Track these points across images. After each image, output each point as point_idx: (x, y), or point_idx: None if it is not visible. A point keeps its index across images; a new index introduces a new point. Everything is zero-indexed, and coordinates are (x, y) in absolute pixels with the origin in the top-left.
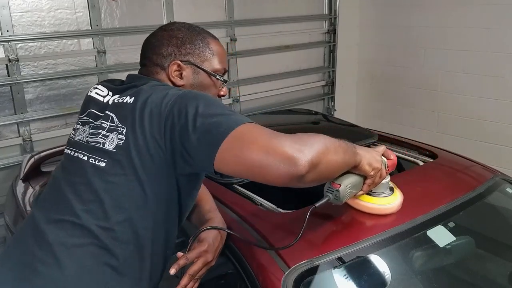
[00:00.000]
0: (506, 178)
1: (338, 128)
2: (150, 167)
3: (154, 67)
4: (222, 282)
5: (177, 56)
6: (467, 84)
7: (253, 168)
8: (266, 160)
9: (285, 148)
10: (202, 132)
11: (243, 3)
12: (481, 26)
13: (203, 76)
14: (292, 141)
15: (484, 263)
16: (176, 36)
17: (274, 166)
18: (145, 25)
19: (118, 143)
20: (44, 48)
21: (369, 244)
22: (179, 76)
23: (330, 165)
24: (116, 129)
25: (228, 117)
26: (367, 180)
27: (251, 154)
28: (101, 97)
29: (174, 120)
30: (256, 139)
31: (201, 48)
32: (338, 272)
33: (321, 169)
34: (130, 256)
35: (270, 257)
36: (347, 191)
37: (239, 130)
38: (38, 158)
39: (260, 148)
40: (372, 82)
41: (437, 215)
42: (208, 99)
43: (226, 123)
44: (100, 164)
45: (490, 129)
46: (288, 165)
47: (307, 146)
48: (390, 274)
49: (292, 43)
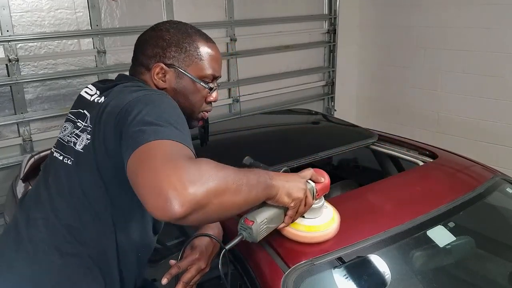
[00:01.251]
0: (506, 178)
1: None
2: (108, 168)
3: (139, 67)
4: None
5: (161, 58)
6: (467, 84)
7: (137, 187)
8: (148, 184)
9: (172, 178)
10: (128, 136)
11: (243, 3)
12: (481, 26)
13: (187, 81)
14: (186, 173)
15: (484, 263)
16: (163, 37)
17: (154, 195)
18: (145, 25)
19: (85, 143)
20: (44, 48)
21: (369, 244)
22: (162, 79)
23: (224, 207)
24: (86, 129)
25: (158, 128)
26: (289, 211)
27: (140, 172)
28: (88, 96)
29: (120, 119)
30: (155, 157)
31: (187, 52)
32: (338, 272)
33: (208, 213)
34: (97, 255)
35: (270, 257)
36: (262, 227)
37: (151, 144)
38: (38, 158)
39: (150, 170)
40: (372, 82)
41: (437, 215)
42: (159, 108)
43: (149, 133)
44: (68, 163)
45: (490, 129)
46: (166, 200)
47: (199, 183)
48: (390, 274)
49: (292, 43)
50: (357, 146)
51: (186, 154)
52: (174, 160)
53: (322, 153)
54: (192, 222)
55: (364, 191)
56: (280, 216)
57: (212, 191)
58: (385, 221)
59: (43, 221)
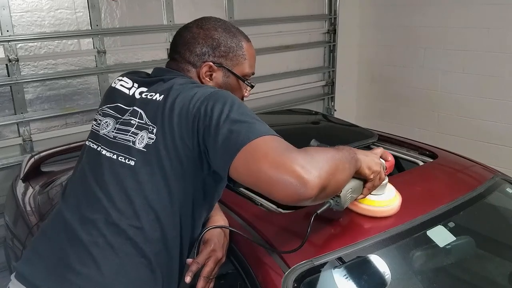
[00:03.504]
0: (506, 178)
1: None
2: (178, 168)
3: (185, 64)
4: (222, 282)
5: (211, 57)
6: (467, 84)
7: (261, 183)
8: (275, 178)
9: (296, 168)
10: (222, 138)
11: (243, 3)
12: (481, 26)
13: (232, 80)
14: (303, 160)
15: (484, 263)
16: (212, 36)
17: (283, 185)
18: (145, 25)
19: (148, 142)
20: (44, 48)
21: (369, 244)
22: (209, 77)
23: (338, 184)
24: (146, 128)
25: (250, 125)
26: (367, 183)
27: (261, 169)
28: (126, 89)
29: (200, 120)
30: (268, 154)
31: (235, 52)
32: (338, 272)
33: (329, 191)
34: (160, 256)
35: (270, 257)
36: (348, 196)
37: (255, 142)
38: (38, 158)
39: (270, 165)
40: (372, 82)
41: (437, 215)
42: (235, 103)
43: (246, 132)
44: (130, 163)
45: (490, 129)
46: (297, 187)
47: (318, 167)
48: (390, 274)
49: (292, 43)
50: (357, 146)
51: (288, 145)
52: (287, 153)
53: None
54: (317, 201)
55: None
56: (360, 188)
57: (329, 172)
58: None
59: (103, 223)
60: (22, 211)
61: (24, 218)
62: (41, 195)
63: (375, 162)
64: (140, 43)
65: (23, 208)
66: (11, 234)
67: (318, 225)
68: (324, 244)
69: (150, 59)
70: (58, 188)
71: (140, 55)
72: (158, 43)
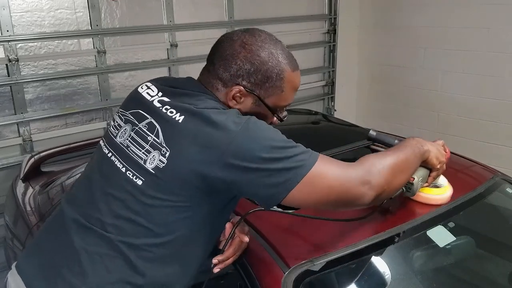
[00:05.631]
0: (506, 178)
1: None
2: (187, 195)
3: (216, 80)
4: (222, 282)
5: (244, 81)
6: (467, 84)
7: (324, 206)
8: (337, 200)
9: (356, 188)
10: (266, 178)
11: (243, 3)
12: (481, 26)
13: (262, 109)
14: (361, 176)
15: (484, 263)
16: (251, 60)
17: (344, 204)
18: (145, 25)
19: (158, 164)
20: (44, 48)
21: (369, 244)
22: (237, 100)
23: (397, 186)
24: (159, 148)
25: (294, 160)
26: (433, 172)
27: (323, 197)
28: (149, 97)
29: (233, 164)
30: (328, 183)
31: (272, 83)
32: (338, 272)
33: (385, 195)
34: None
35: (270, 257)
36: (419, 184)
37: (310, 176)
38: (38, 158)
39: (332, 192)
40: (372, 82)
41: (437, 215)
42: (268, 140)
43: (295, 168)
44: (137, 182)
45: (490, 129)
46: (357, 201)
47: (375, 179)
48: (390, 274)
49: (292, 43)
50: (357, 146)
51: (339, 163)
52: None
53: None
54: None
55: None
56: (427, 176)
57: (387, 180)
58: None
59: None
60: (22, 211)
61: (24, 218)
62: (41, 195)
63: (441, 153)
64: (140, 43)
65: (23, 208)
66: (11, 234)
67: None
68: (324, 244)
69: (150, 59)
70: (58, 188)
71: (140, 55)
72: (158, 43)
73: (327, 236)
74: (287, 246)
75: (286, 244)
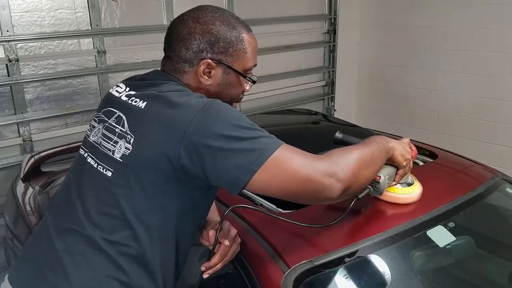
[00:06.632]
0: (506, 178)
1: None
2: (156, 182)
3: (181, 64)
4: (222, 282)
5: (209, 54)
6: (467, 84)
7: (288, 194)
8: (303, 191)
9: (322, 178)
10: (230, 158)
11: (243, 3)
12: (481, 26)
13: (232, 76)
14: (328, 169)
15: (484, 263)
16: (210, 31)
17: (310, 194)
18: (145, 25)
19: (124, 152)
20: (44, 48)
21: (369, 244)
22: (208, 75)
23: (363, 181)
24: (125, 136)
25: (258, 141)
26: (399, 170)
27: (289, 186)
28: (118, 94)
29: (195, 142)
30: (293, 168)
31: (235, 47)
32: (338, 272)
33: (354, 188)
34: (138, 270)
35: (270, 257)
36: (386, 182)
37: (274, 158)
38: (38, 158)
39: (297, 179)
40: (372, 82)
41: (437, 215)
42: (231, 118)
43: (259, 150)
44: (107, 174)
45: (490, 129)
46: (324, 193)
47: (341, 172)
48: (390, 274)
49: (292, 43)
50: None
51: (306, 154)
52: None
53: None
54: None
55: None
56: (394, 174)
57: (354, 173)
58: (385, 221)
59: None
60: (22, 211)
61: (24, 218)
62: (41, 195)
63: (407, 151)
64: (140, 43)
65: (23, 208)
66: (11, 234)
67: None
68: (324, 244)
69: (150, 59)
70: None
71: (140, 55)
72: (158, 43)
73: (327, 236)
74: (287, 246)
75: (286, 244)
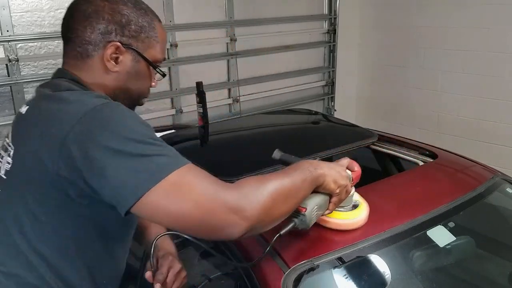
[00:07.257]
0: (506, 178)
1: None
2: (43, 199)
3: (84, 47)
4: (222, 282)
5: (118, 36)
6: (467, 84)
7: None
8: (198, 223)
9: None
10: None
11: (243, 3)
12: (481, 26)
13: (143, 65)
14: (234, 200)
15: (484, 263)
16: (120, 11)
17: (207, 230)
18: None
19: (6, 167)
20: (44, 48)
21: (369, 244)
22: (115, 60)
23: (277, 217)
24: (7, 149)
25: (150, 159)
26: (333, 198)
27: (182, 214)
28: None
29: (74, 148)
30: (191, 195)
31: (147, 33)
32: (338, 272)
33: (262, 227)
34: None
35: (270, 257)
36: (313, 213)
37: (169, 181)
38: None
39: (194, 210)
40: (372, 82)
41: (437, 215)
42: (122, 128)
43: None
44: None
45: (490, 129)
46: (223, 231)
47: (250, 206)
48: (390, 274)
49: (292, 43)
50: (357, 146)
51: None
52: (215, 195)
53: (322, 153)
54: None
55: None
56: (326, 203)
57: (262, 211)
58: (385, 221)
59: None
60: None
61: None
62: None
63: (341, 176)
64: None
65: None
66: None
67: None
68: (324, 244)
69: None
70: None
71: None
72: None
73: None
74: (287, 246)
75: (286, 244)
